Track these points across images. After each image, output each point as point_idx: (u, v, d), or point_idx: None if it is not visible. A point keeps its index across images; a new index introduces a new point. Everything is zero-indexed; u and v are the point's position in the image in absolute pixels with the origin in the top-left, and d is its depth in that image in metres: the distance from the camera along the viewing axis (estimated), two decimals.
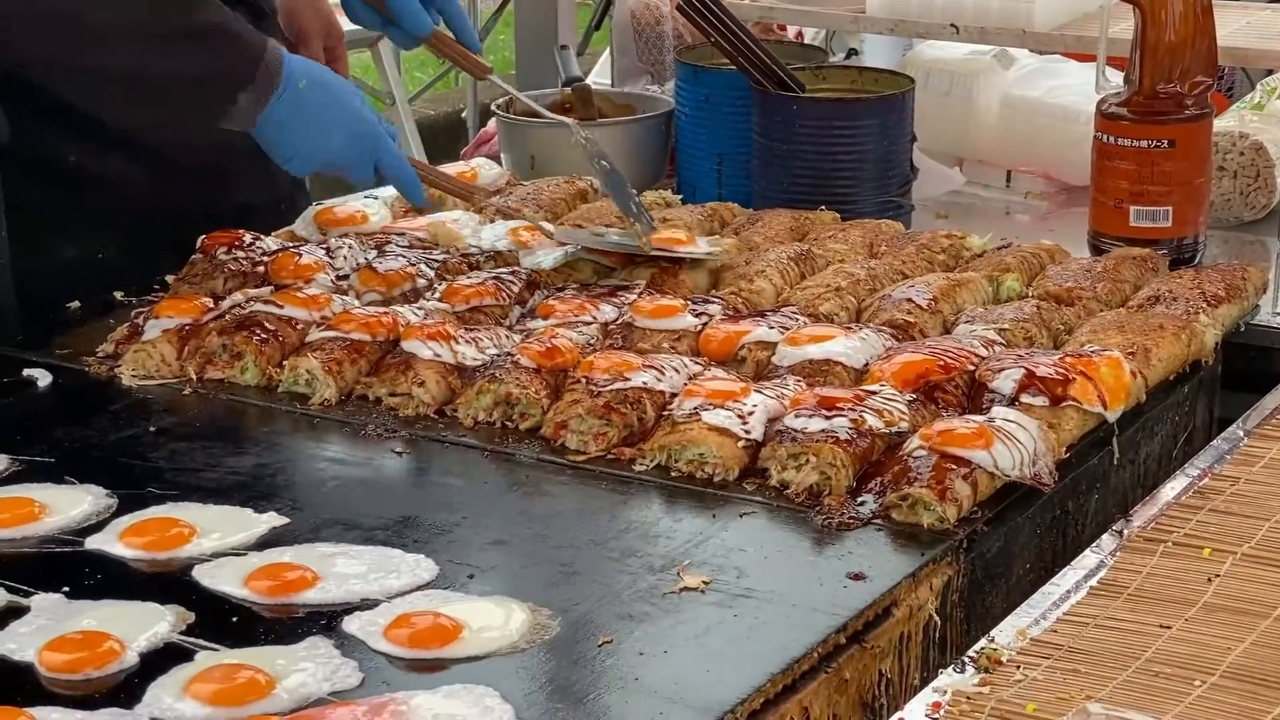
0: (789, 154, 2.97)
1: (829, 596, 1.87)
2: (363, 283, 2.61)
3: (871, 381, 2.26)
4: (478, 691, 1.68)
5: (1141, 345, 2.36)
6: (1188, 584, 1.87)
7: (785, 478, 2.09)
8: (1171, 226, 2.77)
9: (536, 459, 2.19)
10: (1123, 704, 1.62)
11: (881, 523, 2.01)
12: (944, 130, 3.30)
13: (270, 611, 1.84)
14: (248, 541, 1.97)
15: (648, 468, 2.15)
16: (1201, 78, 2.75)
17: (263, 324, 2.43)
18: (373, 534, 1.99)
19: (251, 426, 2.31)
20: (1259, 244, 3.01)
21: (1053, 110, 3.26)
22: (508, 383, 2.27)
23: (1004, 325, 2.42)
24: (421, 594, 1.86)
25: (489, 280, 2.59)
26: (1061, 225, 3.10)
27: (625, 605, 1.85)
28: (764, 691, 1.70)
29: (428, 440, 2.25)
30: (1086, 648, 1.76)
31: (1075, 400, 2.21)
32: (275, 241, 2.77)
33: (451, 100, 8.71)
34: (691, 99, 3.14)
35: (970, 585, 1.99)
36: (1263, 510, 2.01)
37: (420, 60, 9.53)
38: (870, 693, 1.83)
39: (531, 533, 2.02)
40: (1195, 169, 2.78)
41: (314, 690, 1.68)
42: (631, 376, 2.25)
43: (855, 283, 2.57)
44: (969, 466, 2.04)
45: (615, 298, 2.53)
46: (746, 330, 2.41)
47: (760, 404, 2.18)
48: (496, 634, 1.78)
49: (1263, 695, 1.66)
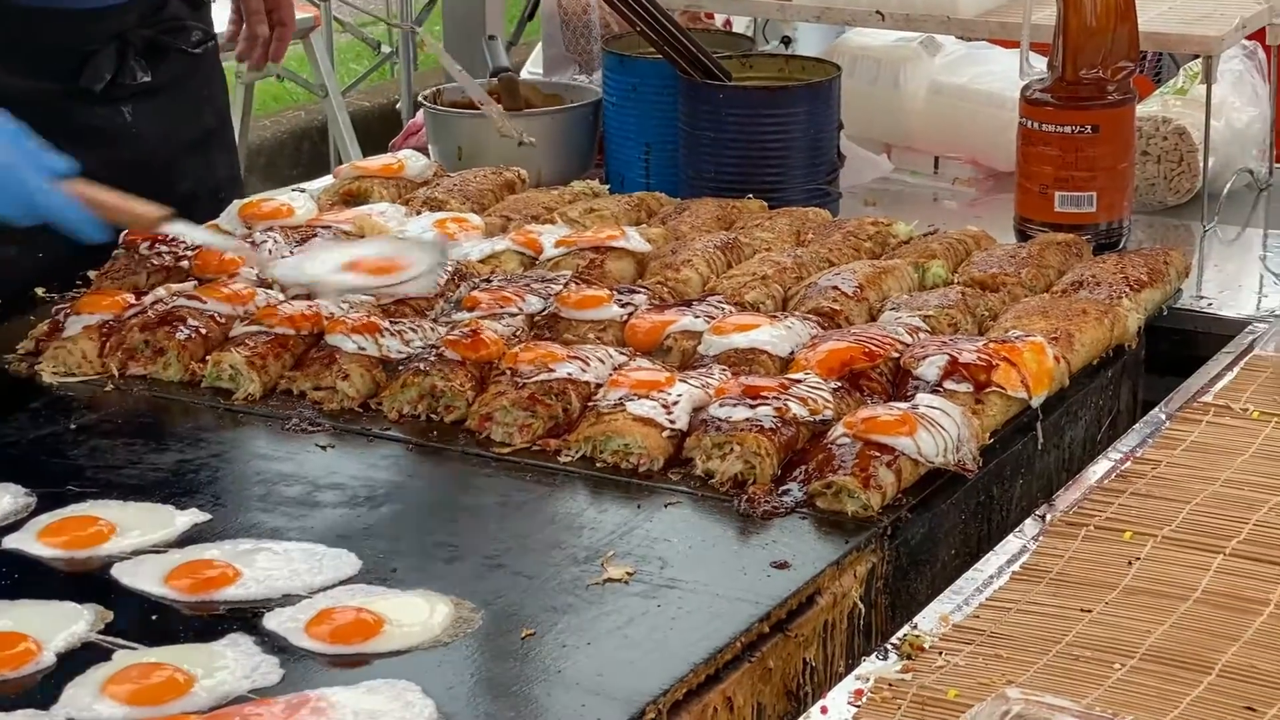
0: (716, 143, 2.97)
1: (753, 585, 1.87)
2: None
3: (796, 370, 2.26)
4: (399, 686, 1.67)
5: (1065, 330, 2.37)
6: (1109, 567, 1.88)
7: (710, 467, 2.09)
8: (1096, 212, 2.78)
9: (461, 452, 2.18)
10: (1043, 688, 1.63)
11: (806, 511, 2.01)
12: (871, 117, 3.30)
13: (190, 609, 1.83)
14: (168, 539, 1.95)
15: (573, 459, 2.14)
16: (1124, 63, 2.76)
17: (185, 319, 2.41)
18: (295, 529, 1.98)
19: (174, 423, 2.30)
20: (1183, 228, 3.02)
21: (979, 97, 3.27)
22: (432, 375, 2.26)
23: (929, 312, 2.43)
24: (344, 589, 1.85)
25: None
26: (989, 211, 3.10)
27: (549, 597, 1.85)
28: (687, 681, 1.70)
29: (352, 434, 2.24)
30: (1008, 632, 1.77)
31: (999, 386, 2.21)
32: None
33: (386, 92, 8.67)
34: (618, 88, 3.14)
35: (895, 572, 2.00)
36: (1183, 493, 2.03)
37: (355, 52, 9.49)
38: (795, 681, 1.84)
39: (456, 526, 2.02)
40: (1119, 154, 2.79)
41: (234, 688, 1.67)
42: (556, 368, 2.24)
43: (781, 271, 2.57)
44: (893, 454, 2.04)
45: (541, 288, 2.52)
46: (672, 320, 2.41)
47: (685, 394, 2.18)
48: (419, 628, 1.78)
49: (1181, 677, 1.67)
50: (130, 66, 2.82)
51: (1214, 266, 2.87)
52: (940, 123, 3.31)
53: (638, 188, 3.03)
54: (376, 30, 8.68)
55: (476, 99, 3.11)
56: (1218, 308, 2.70)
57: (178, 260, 2.63)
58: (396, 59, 7.98)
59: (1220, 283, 2.80)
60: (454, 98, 3.26)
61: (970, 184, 3.30)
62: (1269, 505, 1.99)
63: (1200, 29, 2.98)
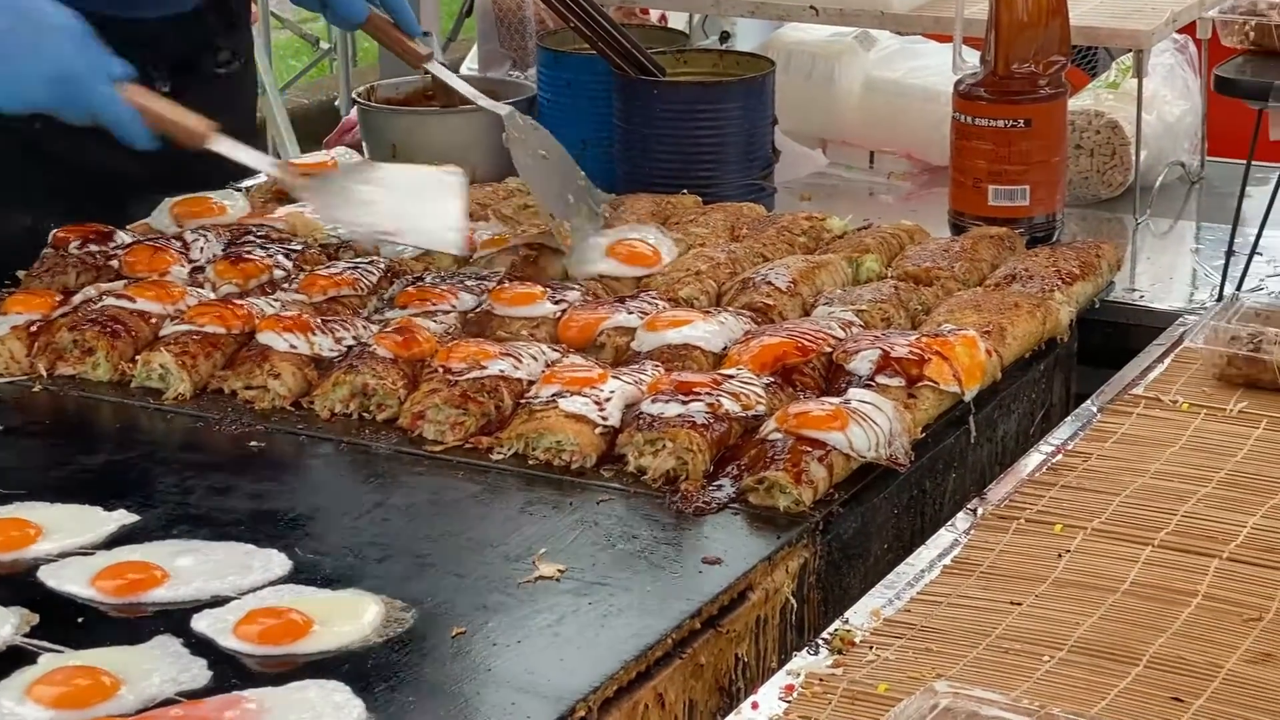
0: (651, 138, 2.97)
1: (684, 582, 1.87)
2: (219, 275, 2.58)
3: (729, 365, 2.26)
4: (328, 687, 1.67)
5: (997, 324, 2.38)
6: (1039, 560, 1.89)
7: (642, 464, 2.09)
8: (1029, 205, 2.79)
9: (394, 450, 2.17)
10: (972, 681, 1.63)
11: (738, 507, 2.01)
12: (806, 112, 3.31)
13: (117, 611, 1.81)
14: (96, 540, 1.94)
15: (505, 456, 2.14)
16: (1056, 57, 2.77)
17: (115, 318, 2.39)
18: (226, 530, 1.97)
19: (103, 423, 2.28)
20: (1116, 221, 3.04)
21: (913, 91, 3.28)
22: (364, 373, 2.26)
23: (862, 306, 2.43)
24: (273, 590, 1.84)
25: (347, 270, 2.57)
26: (924, 205, 3.11)
27: (480, 596, 1.84)
28: (618, 679, 1.70)
29: (284, 433, 2.22)
30: (939, 626, 1.77)
31: (931, 380, 2.22)
32: (129, 235, 2.73)
33: (324, 89, 8.65)
34: (553, 84, 3.13)
35: (827, 567, 2.00)
36: (1113, 485, 2.04)
37: (295, 49, 9.46)
38: (727, 677, 1.84)
39: (387, 525, 2.01)
40: (1052, 148, 2.80)
41: (161, 690, 1.66)
42: (488, 365, 2.24)
43: (715, 266, 2.57)
44: (825, 449, 2.05)
45: (474, 285, 2.51)
46: (605, 316, 2.40)
47: (618, 390, 2.18)
48: (350, 628, 1.77)
49: (1109, 669, 1.68)
50: (150, 75, 2.74)
51: (1146, 259, 2.89)
52: (875, 117, 3.32)
53: None
54: (316, 26, 8.65)
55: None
56: (1150, 300, 2.71)
57: (107, 259, 2.61)
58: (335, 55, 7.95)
59: (1152, 275, 2.82)
60: (387, 94, 3.24)
61: (905, 178, 3.31)
62: (1197, 496, 2.00)
63: (1131, 23, 3.00)
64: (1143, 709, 1.61)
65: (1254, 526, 1.94)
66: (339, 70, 7.58)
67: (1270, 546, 1.90)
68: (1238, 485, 2.03)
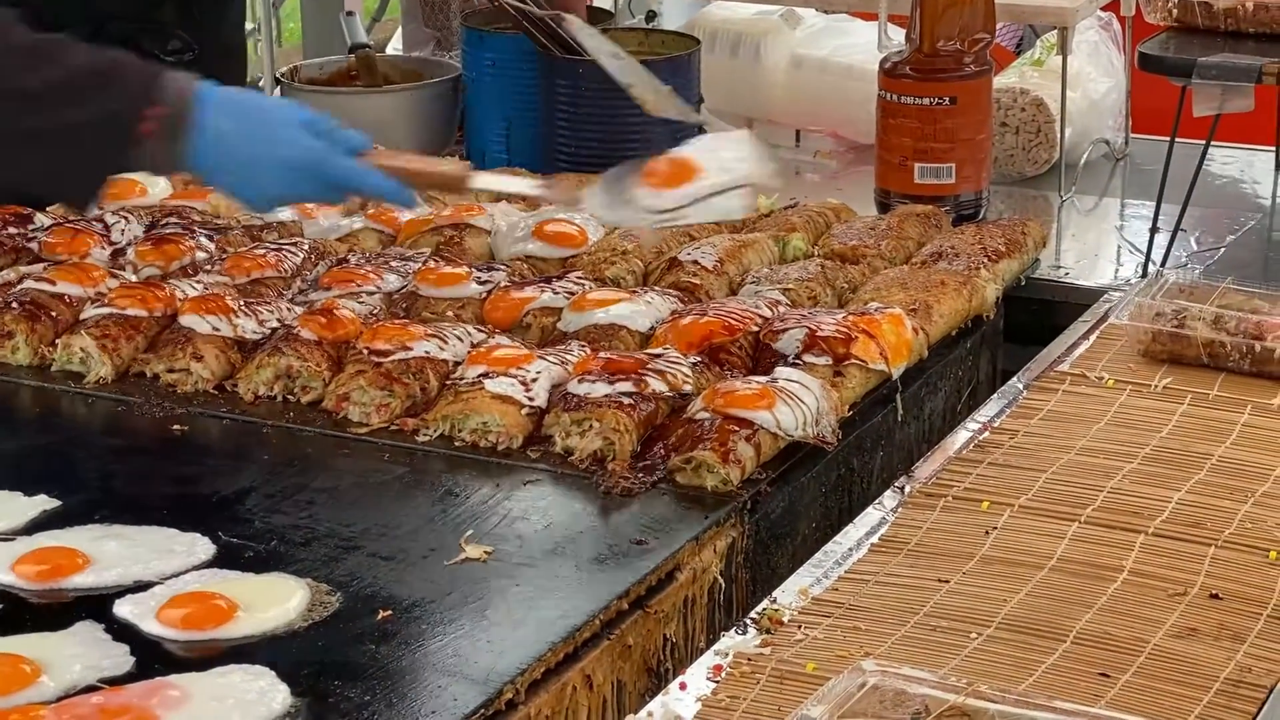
0: (576, 118, 2.95)
1: (612, 563, 1.86)
2: (140, 257, 2.55)
3: (656, 345, 2.26)
4: (253, 672, 1.65)
5: (923, 301, 2.38)
6: (966, 538, 1.89)
7: (569, 444, 2.08)
8: (955, 183, 2.79)
9: (318, 433, 2.16)
10: (900, 659, 1.63)
11: (665, 487, 2.01)
12: (733, 91, 3.30)
13: (38, 597, 1.79)
14: (16, 526, 1.91)
15: (431, 438, 2.12)
16: (981, 35, 2.78)
17: (35, 301, 2.36)
18: (148, 514, 1.95)
19: (23, 408, 2.25)
20: (1041, 199, 3.05)
21: (839, 69, 3.27)
22: (288, 355, 2.24)
23: (789, 285, 2.43)
24: (197, 574, 1.83)
25: (271, 252, 2.54)
26: (850, 184, 3.11)
27: (406, 579, 1.83)
28: (545, 660, 1.69)
29: (207, 417, 2.20)
30: (866, 605, 1.77)
31: (858, 358, 2.22)
32: (49, 217, 2.69)
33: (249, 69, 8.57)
34: (477, 64, 3.11)
35: (755, 546, 2.00)
36: (1040, 462, 2.04)
37: None
38: (655, 657, 1.83)
39: (312, 508, 1.99)
40: (977, 125, 2.81)
41: (82, 677, 1.64)
42: (414, 346, 2.22)
43: (641, 246, 2.56)
44: (752, 428, 2.04)
45: (400, 266, 2.49)
46: (531, 297, 2.39)
47: (544, 370, 2.17)
48: (275, 612, 1.76)
49: (1037, 645, 1.69)
50: None
51: (1071, 236, 2.90)
52: (801, 96, 3.31)
53: (499, 164, 3.01)
54: None
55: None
56: (1075, 277, 2.72)
57: (27, 241, 2.58)
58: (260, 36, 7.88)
59: (1078, 252, 2.83)
60: (311, 74, 3.22)
61: (831, 156, 3.31)
62: (1123, 473, 2.01)
63: (1055, 0, 3.00)
64: (1070, 684, 1.62)
65: (1179, 502, 1.95)
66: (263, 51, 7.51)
67: (1195, 521, 1.91)
68: (1163, 461, 2.04)
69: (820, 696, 1.49)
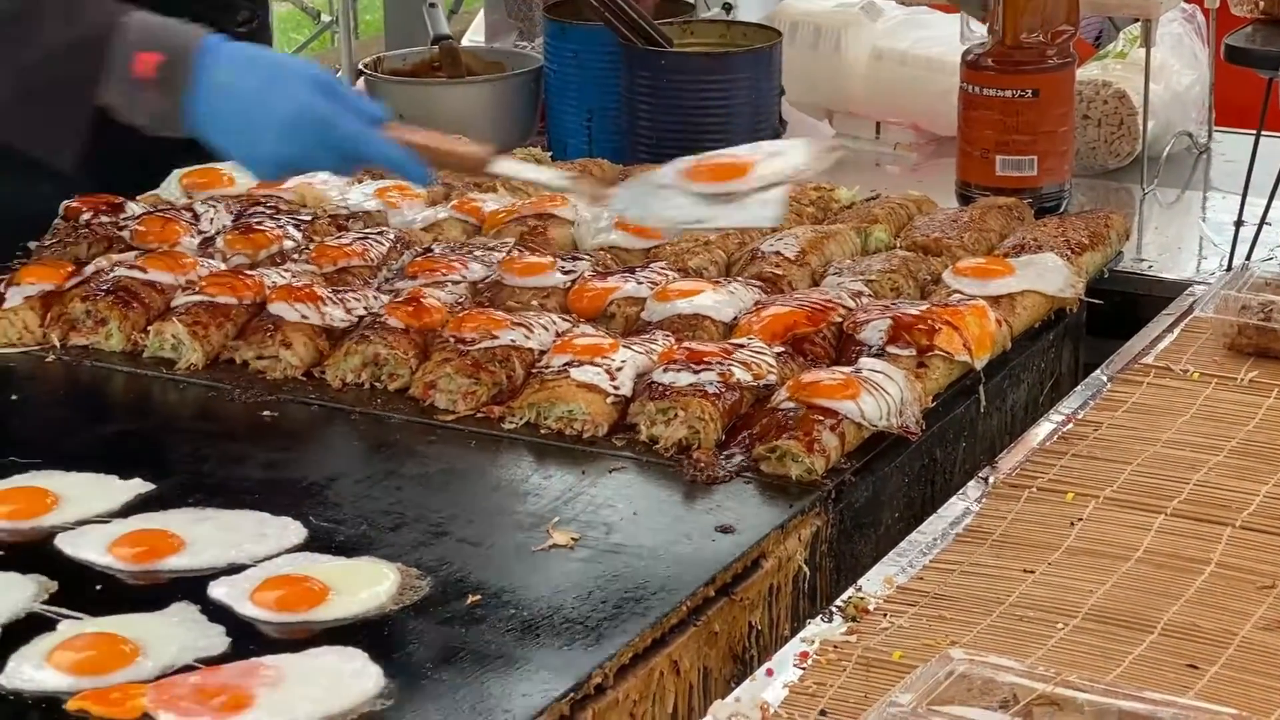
0: (658, 109, 2.97)
1: (698, 550, 1.87)
2: (229, 246, 2.58)
3: (740, 335, 2.27)
4: (346, 654, 1.67)
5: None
6: (1051, 528, 1.89)
7: (654, 433, 2.09)
8: (1036, 175, 2.79)
9: (406, 420, 2.18)
10: (987, 648, 1.64)
11: (750, 475, 2.02)
12: (813, 83, 3.31)
13: (135, 578, 1.82)
14: (112, 508, 1.94)
15: (517, 426, 2.14)
16: (1064, 27, 2.78)
17: (127, 289, 2.40)
18: (240, 498, 1.98)
19: (116, 393, 2.28)
20: (1123, 191, 3.04)
21: (920, 61, 3.27)
22: (375, 343, 2.26)
23: (871, 276, 2.44)
24: (289, 558, 1.85)
25: (357, 241, 2.57)
26: (930, 176, 3.11)
27: (495, 564, 1.85)
28: (633, 646, 1.70)
29: (296, 403, 2.23)
30: (952, 594, 1.78)
31: (941, 350, 2.22)
32: (140, 206, 2.73)
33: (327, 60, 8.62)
34: (560, 55, 3.13)
35: (839, 535, 2.01)
36: (1124, 454, 2.04)
37: (296, 21, 9.44)
38: (740, 644, 1.84)
39: (401, 494, 2.01)
40: (1059, 118, 2.80)
41: (179, 657, 1.66)
42: (500, 334, 2.24)
43: (724, 236, 2.57)
44: (836, 418, 2.05)
45: (484, 256, 2.51)
46: (615, 286, 2.41)
47: (629, 360, 2.18)
48: (365, 596, 1.78)
49: (1123, 636, 1.69)
50: None
51: (1154, 229, 2.89)
52: (882, 88, 3.31)
53: (580, 155, 3.02)
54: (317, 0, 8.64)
55: None
56: (1158, 270, 2.72)
57: (119, 230, 2.61)
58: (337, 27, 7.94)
59: (1160, 245, 2.82)
60: (394, 65, 3.24)
61: (912, 149, 3.31)
62: (1209, 465, 2.01)
63: None
64: (1158, 675, 1.62)
65: (1266, 495, 1.94)
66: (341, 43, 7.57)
67: None
68: (1249, 454, 2.04)
69: (908, 684, 1.50)
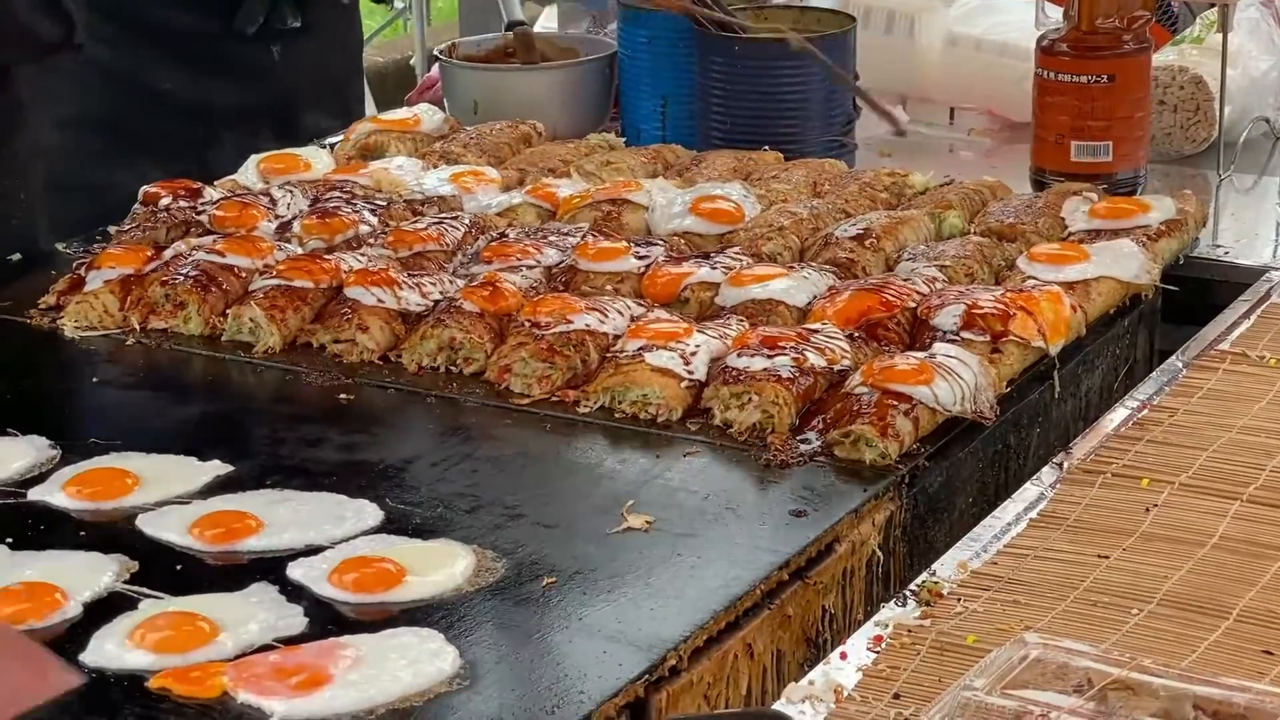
0: (732, 95, 2.97)
1: (772, 534, 1.88)
2: (306, 230, 2.60)
3: (814, 320, 2.27)
4: (423, 634, 1.69)
5: None
6: (1126, 514, 1.89)
7: (728, 417, 2.10)
8: (1112, 161, 2.78)
9: (481, 403, 2.19)
10: (1061, 633, 1.64)
11: (824, 460, 2.02)
12: (887, 69, 3.30)
13: (214, 559, 1.84)
14: (191, 490, 1.97)
15: (591, 409, 2.15)
16: (1140, 12, 2.76)
17: (206, 272, 2.42)
18: (318, 480, 2.00)
19: (195, 376, 2.31)
20: (1199, 177, 3.02)
21: (994, 47, 3.26)
22: (451, 327, 2.27)
23: (945, 262, 2.43)
24: (366, 539, 1.87)
25: (432, 226, 2.59)
26: (1004, 162, 3.10)
27: (570, 547, 1.86)
28: (707, 629, 1.71)
29: (372, 386, 2.25)
30: (1026, 579, 1.78)
31: (1016, 335, 2.22)
32: (218, 191, 2.76)
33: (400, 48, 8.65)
34: (633, 41, 3.13)
35: (913, 520, 2.01)
36: (1200, 440, 2.03)
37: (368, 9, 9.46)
38: (814, 628, 1.85)
39: (476, 476, 2.02)
40: (1135, 104, 2.79)
41: (258, 637, 1.68)
42: (575, 319, 2.25)
43: (798, 222, 2.58)
44: (910, 402, 2.05)
45: (558, 241, 2.53)
46: (690, 272, 2.41)
47: (703, 344, 2.19)
48: (441, 577, 1.79)
49: (1198, 622, 1.68)
50: (281, 11, 3.09)
51: (1230, 215, 2.87)
52: (956, 73, 3.30)
53: (654, 140, 3.03)
54: None
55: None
56: (1234, 256, 2.70)
57: (197, 214, 2.64)
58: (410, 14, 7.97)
59: (1237, 231, 2.80)
60: (469, 51, 3.26)
61: (986, 134, 3.30)
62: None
63: None
64: (1234, 661, 1.62)
65: None
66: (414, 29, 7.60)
67: None
68: None
69: (983, 668, 1.50)
